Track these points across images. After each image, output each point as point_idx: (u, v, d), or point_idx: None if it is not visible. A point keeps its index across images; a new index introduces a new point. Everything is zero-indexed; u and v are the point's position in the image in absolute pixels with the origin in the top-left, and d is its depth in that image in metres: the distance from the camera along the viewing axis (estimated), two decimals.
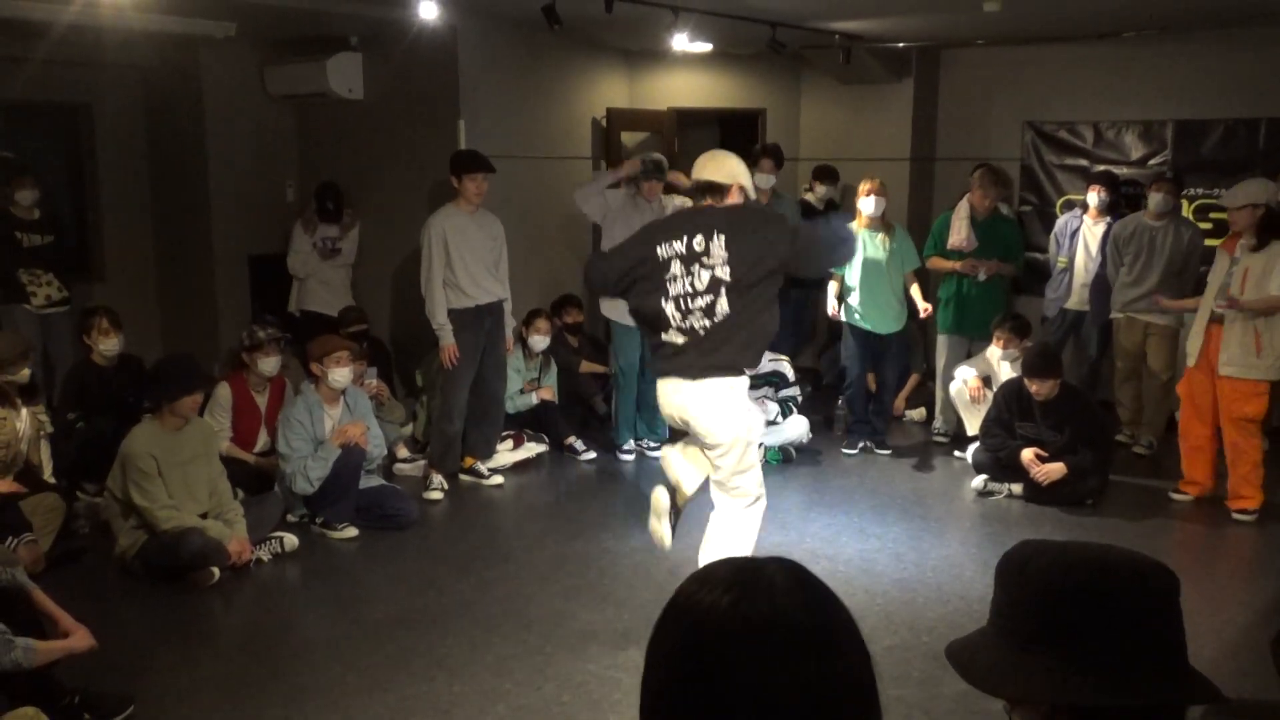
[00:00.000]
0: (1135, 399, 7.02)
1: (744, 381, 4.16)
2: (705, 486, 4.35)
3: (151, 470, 4.82)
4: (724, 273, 3.95)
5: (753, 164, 7.39)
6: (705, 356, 4.03)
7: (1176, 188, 6.79)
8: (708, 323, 3.99)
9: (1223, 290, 5.63)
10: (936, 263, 7.03)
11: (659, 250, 4.04)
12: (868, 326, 6.74)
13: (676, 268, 4.00)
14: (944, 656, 1.21)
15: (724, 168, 4.20)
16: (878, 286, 6.66)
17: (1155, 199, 6.68)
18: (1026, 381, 5.93)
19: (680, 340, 4.04)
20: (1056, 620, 1.21)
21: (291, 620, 4.66)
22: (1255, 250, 5.50)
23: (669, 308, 4.03)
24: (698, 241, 3.98)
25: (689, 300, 4.00)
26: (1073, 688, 1.17)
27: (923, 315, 6.82)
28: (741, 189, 4.19)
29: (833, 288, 6.87)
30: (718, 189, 4.15)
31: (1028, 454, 5.90)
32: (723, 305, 3.96)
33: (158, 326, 8.29)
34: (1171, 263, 6.55)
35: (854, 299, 6.75)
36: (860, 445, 6.99)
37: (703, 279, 3.98)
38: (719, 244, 3.96)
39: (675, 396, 4.11)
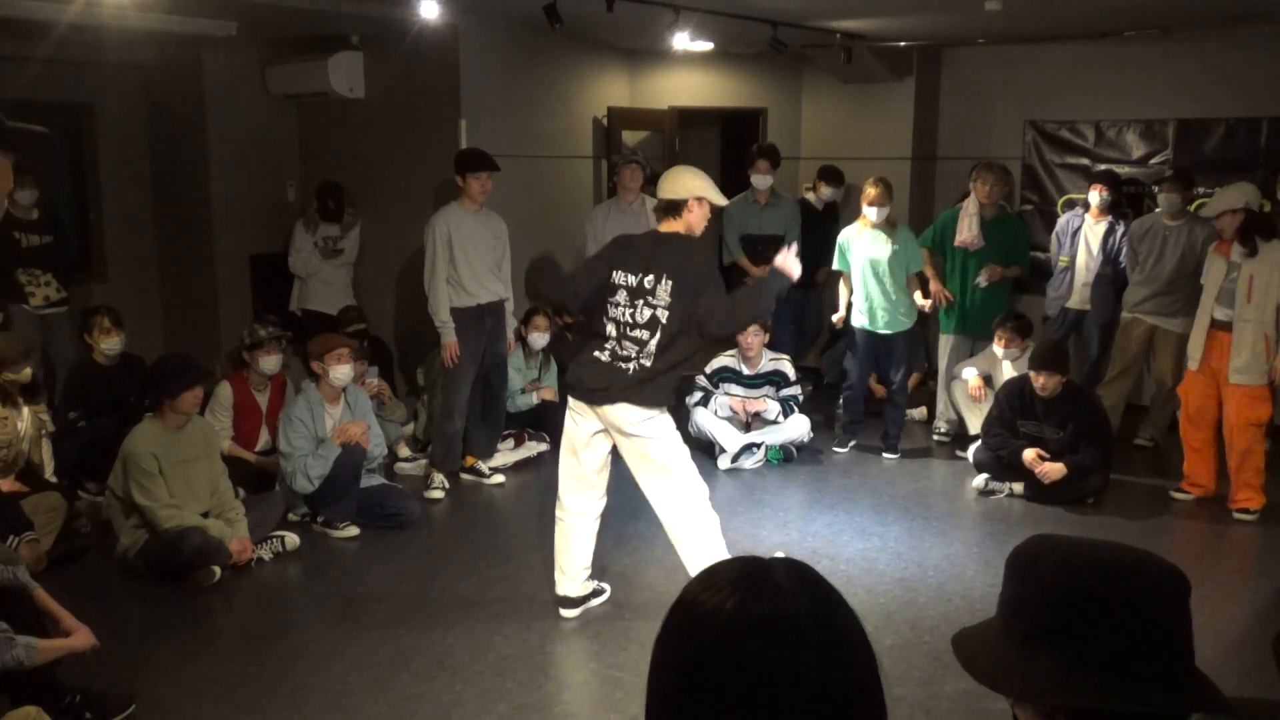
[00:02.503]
0: (1120, 399, 6.99)
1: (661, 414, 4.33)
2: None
3: (153, 469, 4.83)
4: (662, 315, 4.18)
5: (749, 164, 7.42)
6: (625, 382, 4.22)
7: (1183, 186, 6.72)
8: (636, 353, 4.21)
9: (1226, 295, 5.62)
10: (926, 264, 6.98)
11: (614, 276, 4.26)
12: (870, 326, 6.74)
13: (622, 296, 4.23)
14: (946, 656, 1.22)
15: (678, 184, 4.32)
16: (879, 286, 6.65)
17: (1164, 200, 6.66)
18: (1032, 374, 5.93)
19: (605, 358, 4.25)
20: (1062, 620, 1.20)
21: (293, 619, 4.67)
22: (1249, 255, 5.49)
23: (609, 328, 4.25)
24: (648, 280, 4.20)
25: (626, 329, 4.23)
26: (1074, 689, 1.17)
27: (925, 308, 6.80)
28: (701, 200, 4.30)
29: (843, 292, 6.85)
30: (675, 206, 4.30)
31: (1029, 454, 5.90)
32: (652, 345, 4.18)
33: (159, 326, 8.29)
34: (1184, 262, 6.50)
35: (857, 299, 6.75)
36: (850, 444, 6.99)
37: (643, 315, 4.20)
38: (665, 288, 4.18)
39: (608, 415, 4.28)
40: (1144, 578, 1.21)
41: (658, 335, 4.17)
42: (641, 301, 4.18)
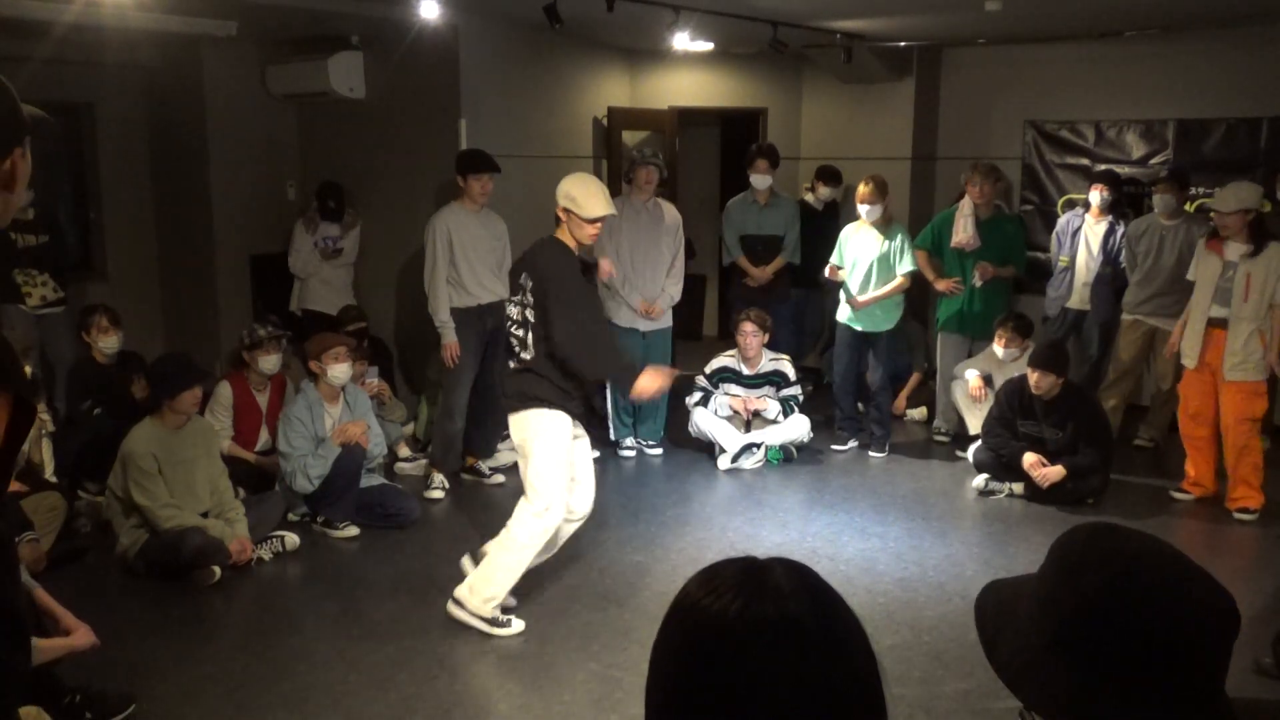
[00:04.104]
0: (1121, 401, 6.99)
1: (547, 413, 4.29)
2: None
3: (152, 469, 4.83)
4: (530, 314, 4.24)
5: (748, 164, 7.42)
6: (517, 388, 4.29)
7: (1179, 186, 6.73)
8: (517, 349, 4.29)
9: (1222, 294, 5.64)
10: (924, 266, 6.98)
11: (520, 276, 4.35)
12: (855, 325, 6.75)
13: (515, 296, 4.32)
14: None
15: (559, 190, 4.34)
16: (869, 284, 6.65)
17: (1160, 201, 6.66)
18: (1029, 370, 5.93)
19: (511, 365, 4.34)
20: (1096, 642, 1.12)
21: (293, 619, 4.66)
22: (1252, 255, 5.50)
23: (509, 328, 4.35)
24: (522, 278, 4.30)
25: (512, 326, 4.32)
26: (1088, 709, 1.12)
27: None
28: (566, 210, 4.27)
29: (837, 275, 6.84)
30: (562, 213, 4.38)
31: (1029, 458, 5.89)
32: (529, 341, 4.25)
33: (160, 326, 8.29)
34: (1181, 262, 6.48)
35: (845, 296, 6.76)
36: (850, 443, 7.00)
37: (517, 311, 4.30)
38: (528, 285, 4.25)
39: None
40: (1196, 614, 1.11)
41: (530, 333, 4.24)
42: (518, 298, 4.28)
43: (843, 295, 6.80)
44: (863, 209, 6.61)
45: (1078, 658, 1.13)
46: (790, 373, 6.93)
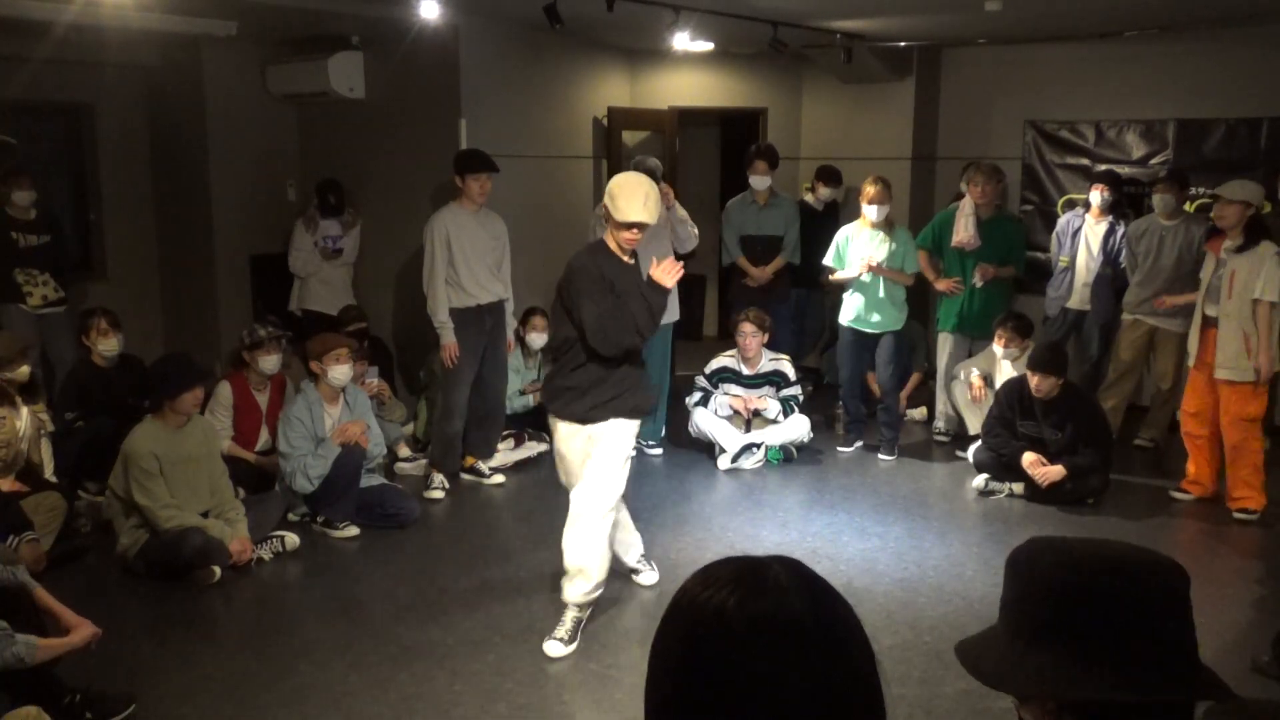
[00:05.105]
0: (1122, 401, 6.99)
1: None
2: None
3: (153, 469, 4.83)
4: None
5: (747, 165, 7.42)
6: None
7: (1179, 186, 6.73)
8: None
9: (1212, 291, 5.65)
10: (925, 266, 6.97)
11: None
12: (857, 325, 6.74)
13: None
14: (946, 656, 1.21)
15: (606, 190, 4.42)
16: (873, 285, 6.65)
17: (1159, 201, 6.67)
18: (1028, 374, 5.93)
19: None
20: (1065, 617, 1.20)
21: (293, 619, 4.66)
22: (1240, 252, 5.51)
23: None
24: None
25: None
26: (1080, 684, 1.17)
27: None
28: (606, 209, 4.23)
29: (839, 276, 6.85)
30: None
31: (1029, 458, 5.89)
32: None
33: (159, 326, 8.30)
34: (1181, 262, 6.52)
35: (849, 297, 6.75)
36: (856, 444, 6.99)
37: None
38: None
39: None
40: (1144, 572, 1.22)
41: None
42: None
43: (845, 296, 6.78)
44: (871, 209, 6.59)
45: (1058, 638, 1.20)
46: (790, 373, 6.93)
